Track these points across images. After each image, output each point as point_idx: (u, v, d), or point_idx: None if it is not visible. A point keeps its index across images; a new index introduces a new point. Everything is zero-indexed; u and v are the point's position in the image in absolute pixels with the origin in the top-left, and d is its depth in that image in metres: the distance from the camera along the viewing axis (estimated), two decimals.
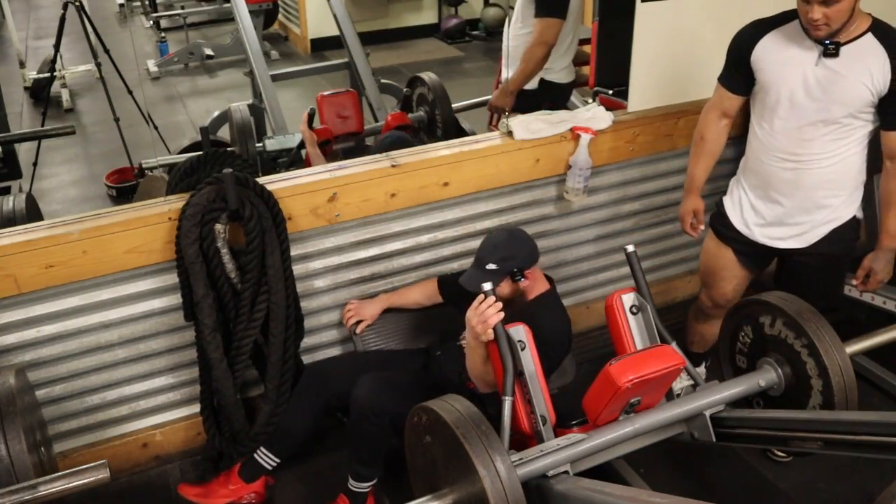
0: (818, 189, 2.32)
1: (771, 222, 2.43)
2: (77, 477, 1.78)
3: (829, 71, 2.17)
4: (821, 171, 2.29)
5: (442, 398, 1.78)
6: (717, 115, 2.49)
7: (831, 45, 2.13)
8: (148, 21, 8.87)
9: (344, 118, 3.64)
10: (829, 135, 2.24)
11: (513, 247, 2.26)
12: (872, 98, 2.16)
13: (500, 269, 2.23)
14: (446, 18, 8.36)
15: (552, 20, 3.19)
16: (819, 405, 2.05)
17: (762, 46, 2.28)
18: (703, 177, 2.55)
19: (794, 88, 2.23)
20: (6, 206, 2.98)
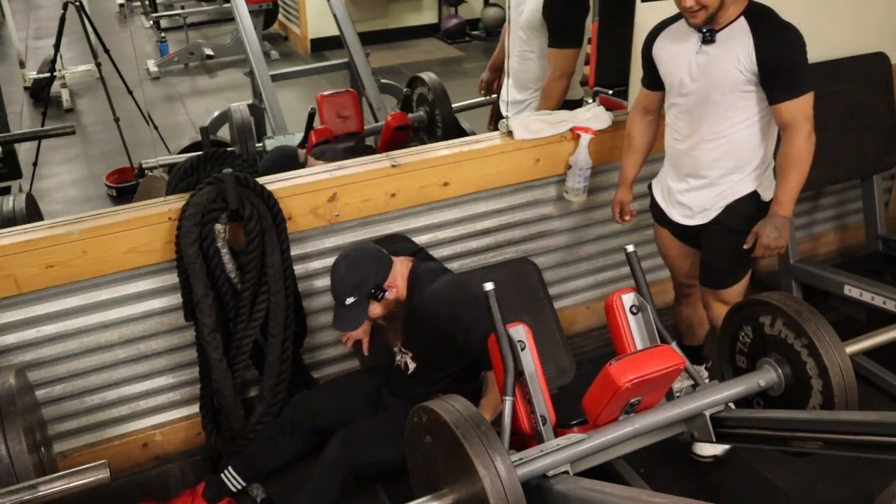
0: (712, 168, 2.41)
1: (680, 202, 2.53)
2: (77, 477, 1.78)
3: (706, 57, 2.30)
4: (713, 150, 2.39)
5: (442, 398, 1.77)
6: (639, 112, 2.61)
7: (707, 32, 2.27)
8: (148, 21, 8.86)
9: (344, 118, 3.65)
10: (714, 116, 2.35)
11: (358, 271, 2.22)
12: (744, 77, 2.25)
13: (358, 299, 2.21)
14: (446, 18, 8.36)
15: (571, 51, 3.06)
16: (819, 405, 2.05)
17: (658, 44, 2.44)
18: (631, 171, 2.68)
19: (682, 77, 2.37)
20: (6, 206, 2.98)
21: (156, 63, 7.39)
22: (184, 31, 7.95)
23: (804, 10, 3.10)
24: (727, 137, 2.36)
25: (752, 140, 2.36)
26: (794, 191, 2.31)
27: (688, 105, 2.40)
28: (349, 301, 2.21)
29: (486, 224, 2.90)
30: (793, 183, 2.30)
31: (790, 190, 2.31)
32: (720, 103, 2.32)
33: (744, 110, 2.32)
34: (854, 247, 3.81)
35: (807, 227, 3.69)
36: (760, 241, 2.36)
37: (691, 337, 2.87)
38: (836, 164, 3.19)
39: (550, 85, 3.10)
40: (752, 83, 2.26)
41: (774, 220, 2.33)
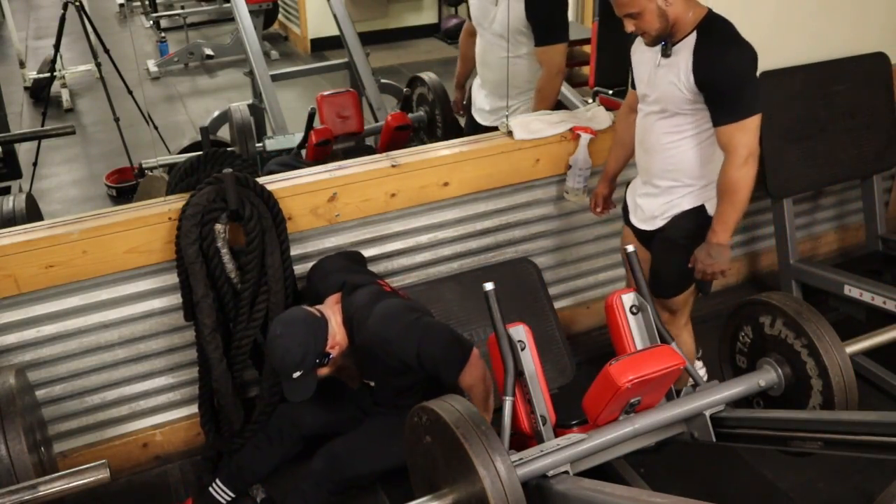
0: (661, 177, 2.41)
1: (638, 203, 2.53)
2: (77, 477, 1.78)
3: (662, 69, 2.27)
4: (661, 160, 2.38)
5: (442, 398, 1.78)
6: (625, 110, 2.63)
7: (665, 45, 2.23)
8: (148, 21, 8.86)
9: (344, 118, 3.65)
10: (662, 128, 2.34)
11: (297, 347, 2.13)
12: (683, 94, 2.20)
13: (305, 371, 2.16)
14: (446, 18, 8.35)
15: (562, 46, 3.04)
16: (819, 405, 2.05)
17: (633, 49, 2.43)
18: (613, 165, 2.69)
19: (643, 86, 2.37)
20: (6, 206, 2.98)
21: (156, 63, 7.39)
22: (184, 31, 7.95)
23: (804, 11, 3.12)
24: (674, 151, 2.33)
25: (698, 157, 2.31)
26: (727, 218, 2.24)
27: (644, 113, 2.39)
28: (296, 375, 2.16)
29: (486, 224, 2.90)
30: (725, 211, 2.23)
31: (723, 218, 2.24)
32: (670, 117, 2.29)
33: (688, 128, 2.28)
34: (854, 247, 3.81)
35: (807, 227, 3.69)
36: (696, 265, 2.33)
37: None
38: (836, 164, 3.20)
39: (547, 84, 3.07)
40: (694, 102, 2.20)
41: (709, 246, 2.29)
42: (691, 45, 2.17)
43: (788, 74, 3.07)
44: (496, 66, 3.15)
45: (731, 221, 2.25)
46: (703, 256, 2.30)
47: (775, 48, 3.08)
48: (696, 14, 2.18)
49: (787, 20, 3.09)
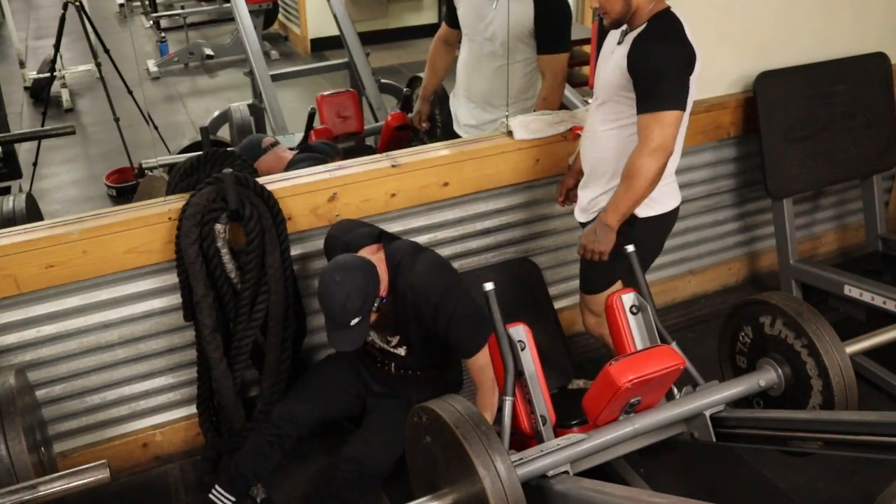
0: (589, 164, 2.44)
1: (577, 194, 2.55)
2: (77, 477, 1.78)
3: (610, 56, 2.29)
4: (594, 148, 2.41)
5: (442, 398, 1.78)
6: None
7: (622, 33, 2.26)
8: (148, 21, 8.86)
9: (344, 118, 3.65)
10: (600, 114, 2.36)
11: (358, 291, 2.11)
12: (620, 81, 2.22)
13: (363, 317, 2.13)
14: None
15: (564, 55, 3.01)
16: (819, 405, 2.06)
17: (605, 39, 2.42)
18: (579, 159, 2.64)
19: (599, 73, 2.38)
20: (6, 206, 2.98)
21: (156, 63, 7.39)
22: (184, 31, 7.94)
23: (804, 11, 3.12)
24: (604, 140, 2.35)
25: (624, 149, 2.29)
26: (621, 201, 2.22)
27: (592, 101, 2.43)
28: (354, 322, 2.12)
29: (486, 224, 2.90)
30: (619, 194, 2.23)
31: (617, 200, 2.23)
32: (605, 104, 2.32)
33: (622, 116, 2.29)
34: (854, 247, 3.81)
35: (807, 227, 3.69)
36: (579, 240, 2.35)
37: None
38: (836, 164, 3.20)
39: (552, 92, 3.01)
40: (629, 89, 2.21)
41: (598, 225, 2.29)
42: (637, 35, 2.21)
43: (788, 74, 3.07)
44: (489, 74, 3.07)
45: (623, 206, 2.23)
46: (589, 233, 2.32)
47: (775, 48, 3.09)
48: (655, 8, 2.21)
49: (787, 20, 3.09)
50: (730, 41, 2.43)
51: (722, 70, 3.07)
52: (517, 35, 2.96)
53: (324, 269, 2.20)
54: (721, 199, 3.35)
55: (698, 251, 3.43)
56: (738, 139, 3.20)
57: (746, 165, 3.30)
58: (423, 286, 2.18)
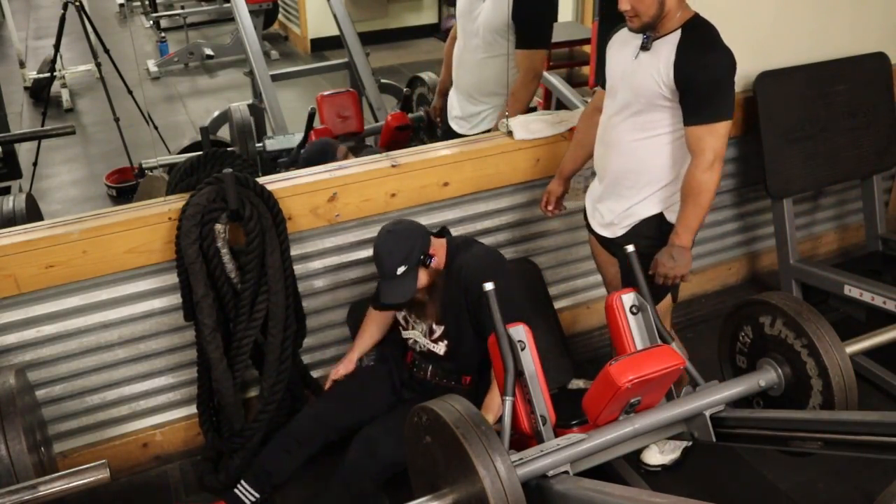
0: (621, 177, 2.37)
1: (597, 208, 2.51)
2: (77, 477, 1.78)
3: (638, 64, 2.24)
4: (623, 159, 2.35)
5: (442, 398, 1.78)
6: (590, 109, 2.58)
7: (646, 38, 2.22)
8: (148, 21, 8.86)
9: (344, 118, 3.65)
10: (630, 124, 2.30)
11: (406, 241, 2.27)
12: (662, 91, 2.19)
13: (409, 267, 2.25)
14: (446, 18, 8.35)
15: (542, 52, 3.00)
16: (819, 405, 2.05)
17: (610, 43, 2.40)
18: (569, 165, 2.65)
19: (615, 80, 2.34)
20: (6, 206, 2.97)
21: (156, 63, 7.39)
22: (184, 31, 7.94)
23: (804, 11, 3.12)
24: (636, 150, 2.30)
25: (661, 157, 2.29)
26: (690, 221, 2.23)
27: (611, 109, 2.35)
28: (401, 270, 2.24)
29: (486, 224, 2.90)
30: (689, 213, 2.22)
31: (686, 220, 2.24)
32: (638, 113, 2.26)
33: (658, 125, 2.26)
34: (854, 247, 3.81)
35: (807, 227, 3.69)
36: (657, 269, 2.29)
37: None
38: (836, 164, 3.20)
39: (521, 88, 2.99)
40: (670, 99, 2.19)
41: (671, 249, 2.27)
42: (675, 42, 2.16)
43: (788, 74, 3.07)
44: (472, 66, 3.10)
45: (694, 224, 2.24)
46: (666, 259, 2.27)
47: (775, 48, 3.09)
48: (684, 14, 2.19)
49: (787, 20, 3.10)
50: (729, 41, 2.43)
51: None
52: (497, 29, 2.97)
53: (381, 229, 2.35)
54: (721, 199, 3.35)
55: (698, 251, 3.43)
56: (738, 139, 3.20)
57: (746, 165, 3.30)
58: (475, 264, 2.33)
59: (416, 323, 2.48)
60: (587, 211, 2.58)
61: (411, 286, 2.28)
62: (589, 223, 2.58)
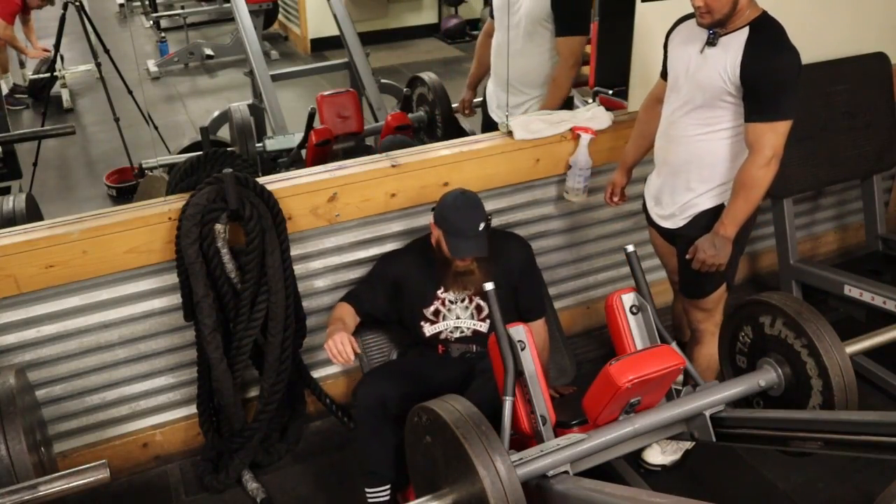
0: (683, 171, 2.40)
1: (657, 201, 2.54)
2: (77, 477, 1.78)
3: (704, 59, 2.27)
4: (685, 153, 2.37)
5: (442, 398, 1.77)
6: (651, 100, 2.61)
7: (712, 34, 2.24)
8: (148, 21, 8.87)
9: (344, 118, 3.65)
10: (693, 119, 2.33)
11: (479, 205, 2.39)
12: (727, 88, 2.22)
13: (485, 227, 2.36)
14: (446, 18, 8.35)
15: (579, 38, 3.07)
16: (819, 405, 2.05)
17: (672, 36, 2.43)
18: (631, 155, 2.68)
19: (678, 74, 2.36)
20: (6, 206, 2.97)
21: (156, 63, 7.39)
22: (184, 31, 7.95)
23: (804, 10, 3.12)
24: (702, 144, 2.33)
25: (722, 153, 2.32)
26: (738, 213, 2.27)
27: (674, 103, 2.38)
28: (482, 227, 2.34)
29: None
30: (738, 206, 2.26)
31: (735, 212, 2.27)
32: (701, 108, 2.29)
33: (721, 121, 2.28)
34: (854, 247, 3.81)
35: (807, 227, 3.69)
36: (697, 254, 2.32)
37: (679, 333, 2.88)
38: (836, 164, 3.19)
39: (561, 74, 3.09)
40: (734, 95, 2.22)
41: (715, 238, 2.30)
42: (742, 39, 2.19)
43: None
44: (513, 58, 3.18)
45: (741, 216, 2.28)
46: (707, 246, 2.30)
47: None
48: (753, 12, 2.22)
49: (786, 20, 3.07)
50: None
51: None
52: (538, 18, 3.06)
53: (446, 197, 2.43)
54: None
55: None
56: None
57: None
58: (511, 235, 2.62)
59: (456, 306, 2.46)
60: (647, 204, 2.61)
61: (485, 243, 2.36)
62: (649, 215, 2.60)
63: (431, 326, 2.48)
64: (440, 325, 2.48)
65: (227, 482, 2.58)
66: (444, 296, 2.46)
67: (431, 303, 2.47)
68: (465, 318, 2.47)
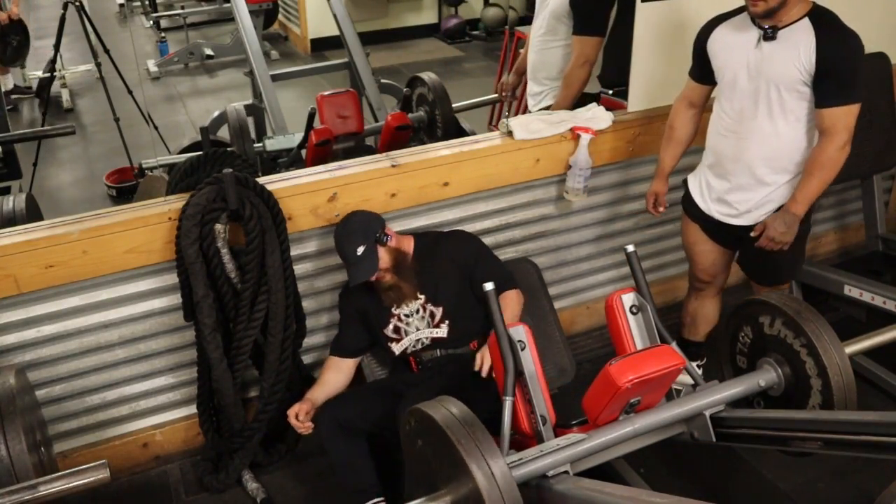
0: (758, 165, 2.41)
1: (721, 199, 2.53)
2: (77, 477, 1.78)
3: (765, 53, 2.29)
4: (759, 147, 2.39)
5: (436, 399, 1.77)
6: (684, 105, 2.61)
7: (769, 29, 2.26)
8: (148, 21, 8.87)
9: (344, 118, 3.64)
10: (764, 112, 2.35)
11: (359, 224, 2.43)
12: (801, 77, 2.25)
13: (368, 245, 2.38)
14: (446, 18, 8.36)
15: (594, 39, 3.10)
16: (819, 404, 2.05)
17: (714, 37, 2.43)
18: (670, 163, 2.69)
19: (736, 71, 2.37)
20: (6, 206, 2.97)
21: (156, 63, 7.39)
22: (184, 31, 7.95)
23: None
24: (777, 136, 2.36)
25: (798, 140, 2.35)
26: (812, 193, 2.33)
27: (740, 101, 2.38)
28: (360, 250, 2.37)
29: (486, 224, 2.90)
30: (813, 185, 2.32)
31: (808, 191, 2.33)
32: (774, 101, 2.31)
33: (795, 110, 2.31)
34: (854, 247, 3.81)
35: None
36: (767, 232, 2.37)
37: (693, 332, 2.88)
38: None
39: (572, 72, 3.13)
40: (806, 84, 2.25)
41: (785, 215, 2.35)
42: (807, 29, 2.22)
43: None
44: (535, 49, 3.33)
45: (812, 196, 2.34)
46: (779, 224, 2.35)
47: None
48: (804, 5, 2.25)
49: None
50: None
51: None
52: (559, 15, 3.15)
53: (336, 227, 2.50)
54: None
55: None
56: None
57: None
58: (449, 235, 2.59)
59: (413, 318, 2.47)
60: (697, 202, 2.61)
61: (374, 262, 2.38)
62: (700, 213, 2.60)
63: (397, 345, 2.50)
64: (404, 342, 2.49)
65: (227, 482, 2.59)
66: (398, 311, 2.48)
67: (388, 321, 2.49)
68: (423, 328, 2.47)
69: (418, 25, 8.38)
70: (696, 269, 2.78)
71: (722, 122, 2.46)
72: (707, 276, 2.74)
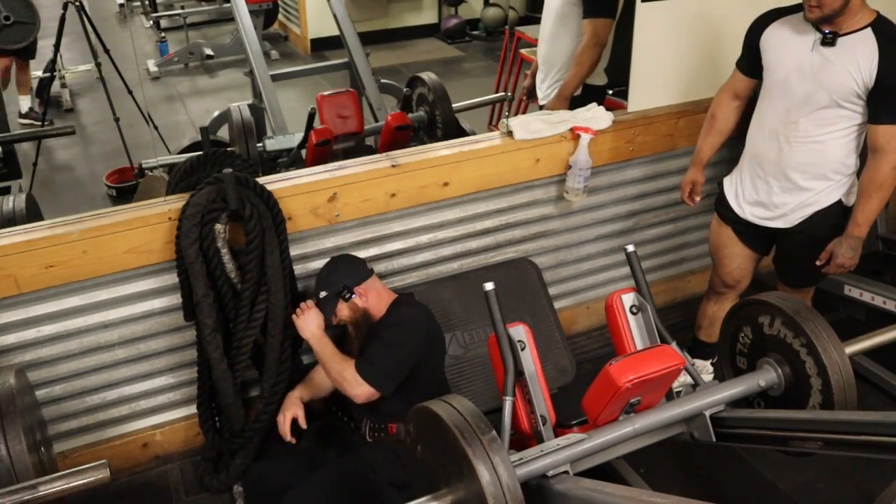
0: (799, 170, 2.40)
1: (759, 201, 2.53)
2: (77, 477, 1.78)
3: (822, 58, 2.26)
4: (802, 153, 2.37)
5: (442, 398, 1.77)
6: (728, 95, 2.60)
7: (829, 34, 2.23)
8: (148, 21, 8.87)
9: (344, 118, 3.64)
10: (812, 119, 2.33)
11: (333, 271, 2.42)
12: (857, 89, 2.22)
13: (329, 294, 2.39)
14: (446, 18, 8.36)
15: (605, 20, 3.13)
16: (818, 404, 2.05)
17: (769, 32, 2.40)
18: (708, 152, 2.67)
19: (788, 72, 2.34)
20: (6, 206, 2.97)
21: (156, 63, 7.39)
22: (184, 31, 7.95)
23: None
24: (822, 144, 2.34)
25: (844, 150, 2.34)
26: (873, 213, 2.32)
27: (789, 103, 2.36)
28: (322, 294, 2.40)
29: (486, 224, 2.90)
30: (873, 206, 2.30)
31: (868, 212, 2.31)
32: (825, 108, 2.29)
33: (845, 120, 2.29)
34: None
35: None
36: (835, 260, 2.37)
37: (709, 334, 2.89)
38: None
39: (584, 52, 3.16)
40: (860, 96, 2.23)
41: (850, 240, 2.35)
42: (870, 40, 2.18)
43: None
44: (546, 38, 3.39)
45: (873, 217, 2.33)
46: (846, 251, 2.35)
47: None
48: (867, 14, 2.21)
49: None
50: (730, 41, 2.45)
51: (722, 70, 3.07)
52: (569, 2, 3.19)
53: None
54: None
55: (698, 251, 3.43)
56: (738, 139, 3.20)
57: None
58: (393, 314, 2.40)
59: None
60: (731, 204, 2.61)
61: (329, 311, 2.40)
62: (734, 215, 2.60)
63: None
64: None
65: (227, 482, 2.58)
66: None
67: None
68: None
69: (418, 25, 8.38)
70: (721, 271, 2.76)
71: (765, 122, 2.44)
72: (731, 281, 2.73)
